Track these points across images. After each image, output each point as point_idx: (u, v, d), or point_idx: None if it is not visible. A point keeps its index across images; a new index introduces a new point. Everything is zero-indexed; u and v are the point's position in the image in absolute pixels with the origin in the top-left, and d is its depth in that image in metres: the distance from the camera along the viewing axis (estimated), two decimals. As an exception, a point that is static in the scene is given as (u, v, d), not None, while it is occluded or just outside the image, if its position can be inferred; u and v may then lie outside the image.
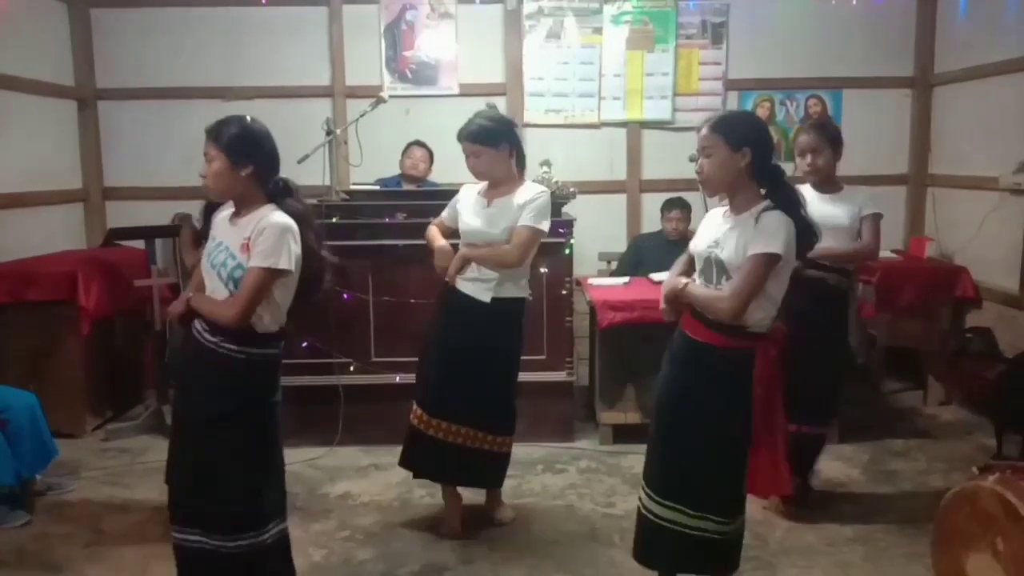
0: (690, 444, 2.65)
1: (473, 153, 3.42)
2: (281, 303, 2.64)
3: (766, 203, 2.58)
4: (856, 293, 3.83)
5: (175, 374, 2.83)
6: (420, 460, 3.63)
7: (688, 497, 2.67)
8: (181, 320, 2.68)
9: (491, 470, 3.66)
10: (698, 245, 2.68)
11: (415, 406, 3.60)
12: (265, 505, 2.69)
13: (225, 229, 2.66)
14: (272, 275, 2.54)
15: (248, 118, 2.69)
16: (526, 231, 3.38)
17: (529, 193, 3.47)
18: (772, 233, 2.49)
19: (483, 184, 3.54)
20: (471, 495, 3.73)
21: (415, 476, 3.74)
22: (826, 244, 3.51)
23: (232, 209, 2.71)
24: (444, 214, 3.62)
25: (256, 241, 2.52)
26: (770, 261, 2.49)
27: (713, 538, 2.68)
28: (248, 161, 2.61)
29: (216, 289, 2.60)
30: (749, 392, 2.60)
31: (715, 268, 2.58)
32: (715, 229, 2.63)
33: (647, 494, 2.76)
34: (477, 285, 3.44)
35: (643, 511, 2.79)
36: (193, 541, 2.68)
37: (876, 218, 3.69)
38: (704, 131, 2.59)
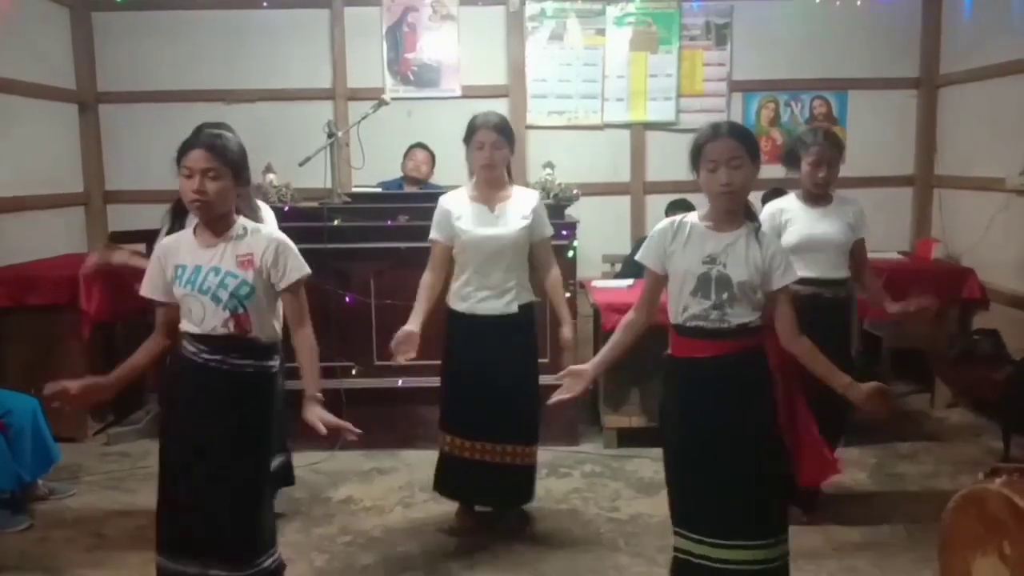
0: (762, 462, 2.54)
1: (495, 144, 3.36)
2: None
3: (755, 223, 2.61)
4: (855, 303, 3.78)
5: (172, 402, 2.70)
6: (457, 484, 3.61)
7: (771, 526, 2.55)
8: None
9: (523, 486, 3.65)
10: (680, 264, 2.56)
11: (445, 434, 3.55)
12: (273, 525, 2.71)
13: (195, 252, 2.55)
14: (305, 280, 2.64)
15: (230, 132, 2.63)
16: (550, 241, 3.57)
17: (532, 197, 3.53)
18: (789, 260, 2.60)
19: (462, 192, 3.48)
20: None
21: (452, 498, 3.69)
22: (817, 260, 3.54)
23: (182, 233, 2.65)
24: (439, 236, 3.47)
25: (278, 259, 2.56)
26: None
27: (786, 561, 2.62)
28: (247, 178, 2.61)
29: (210, 312, 2.51)
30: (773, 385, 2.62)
31: (715, 284, 2.51)
32: (702, 246, 2.55)
33: (723, 544, 2.51)
34: (496, 302, 3.42)
35: (721, 566, 2.51)
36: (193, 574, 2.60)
37: (864, 240, 3.71)
38: (731, 141, 2.49)
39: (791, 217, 3.61)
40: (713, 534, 2.52)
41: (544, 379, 4.24)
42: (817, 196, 3.63)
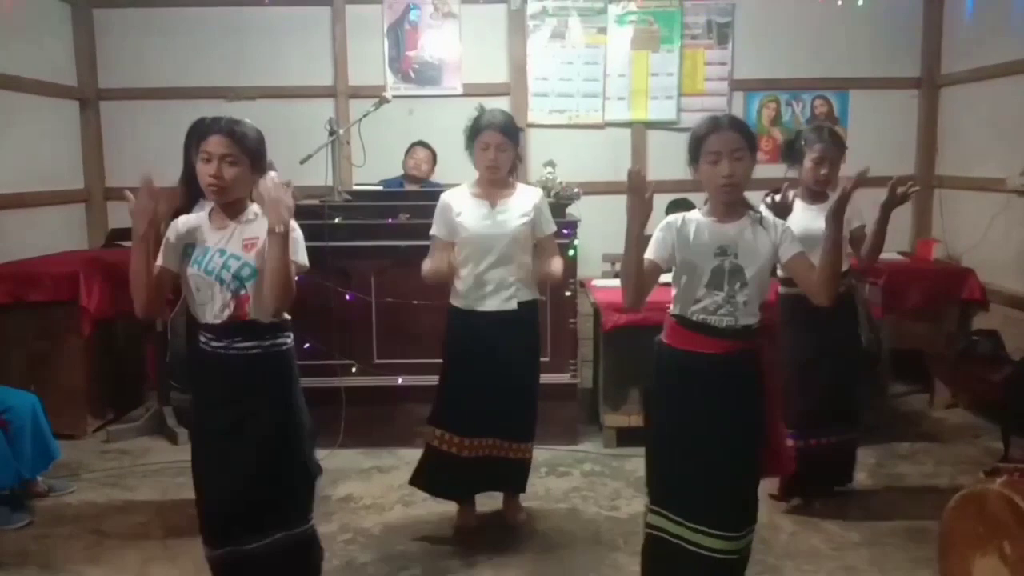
0: (745, 459, 2.58)
1: (499, 146, 3.34)
2: None
3: (756, 212, 2.64)
4: (862, 290, 3.80)
5: (190, 390, 2.75)
6: (445, 482, 3.61)
7: (747, 519, 2.60)
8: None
9: (516, 474, 3.65)
10: (691, 258, 2.56)
11: (437, 429, 3.53)
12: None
13: (207, 234, 2.59)
14: (301, 270, 2.63)
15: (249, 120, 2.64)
16: (554, 237, 3.55)
17: (535, 194, 3.52)
18: (794, 236, 2.64)
19: (464, 188, 3.48)
20: (484, 499, 3.74)
21: (440, 496, 3.70)
22: (816, 256, 3.54)
23: (199, 214, 2.68)
24: (439, 232, 3.46)
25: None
26: None
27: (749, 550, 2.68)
28: (263, 166, 2.64)
29: (214, 294, 2.54)
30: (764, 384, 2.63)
31: (728, 276, 2.52)
32: (711, 239, 2.56)
33: (700, 530, 2.56)
34: (497, 298, 3.40)
35: (695, 549, 2.57)
36: (257, 549, 2.64)
37: (864, 226, 3.72)
38: (733, 133, 2.51)
39: (791, 215, 3.62)
40: (692, 519, 2.56)
41: (546, 378, 4.27)
42: (816, 193, 3.65)
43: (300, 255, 2.61)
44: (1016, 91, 5.04)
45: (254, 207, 2.63)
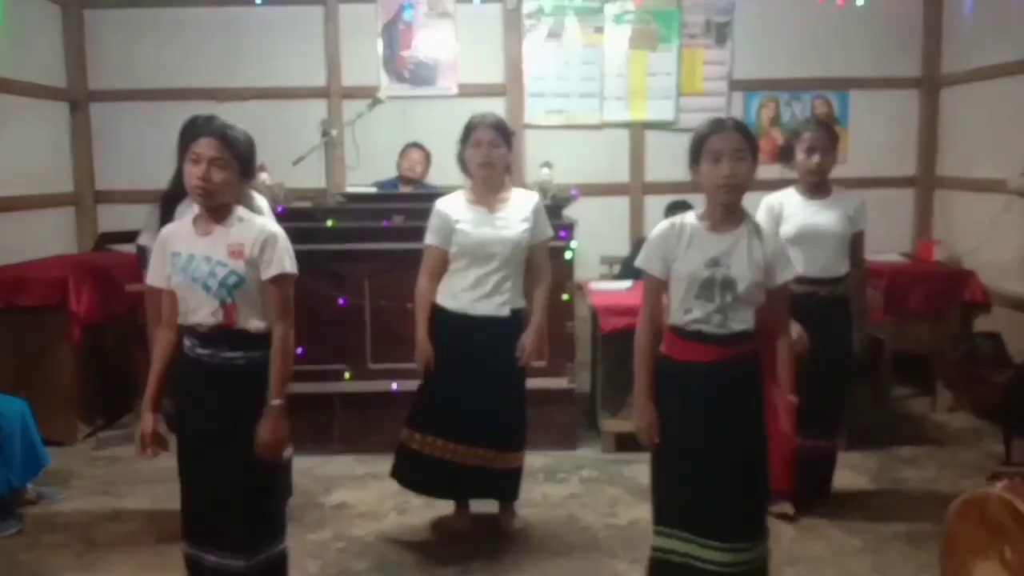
0: (750, 466, 2.55)
1: (492, 143, 3.33)
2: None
3: (753, 220, 2.61)
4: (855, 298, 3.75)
5: (178, 396, 2.71)
6: (424, 479, 3.56)
7: (755, 528, 2.58)
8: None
9: (508, 483, 3.60)
10: (683, 267, 2.53)
11: (413, 432, 3.48)
12: (283, 512, 2.75)
13: (191, 240, 2.55)
14: (292, 278, 2.59)
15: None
16: (548, 243, 3.53)
17: (532, 199, 3.49)
18: (789, 256, 2.63)
19: (460, 195, 3.45)
20: (480, 504, 3.70)
21: (418, 492, 3.66)
22: (815, 254, 3.54)
23: (183, 221, 2.64)
24: (435, 241, 3.41)
25: (265, 250, 2.52)
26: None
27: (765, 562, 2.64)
28: (252, 172, 2.61)
29: (200, 301, 2.51)
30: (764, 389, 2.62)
31: (719, 287, 2.49)
32: (703, 248, 2.52)
33: (710, 544, 2.52)
34: (490, 302, 3.37)
35: (704, 566, 2.53)
36: (210, 561, 2.62)
37: (864, 233, 3.68)
38: (735, 134, 2.49)
39: (790, 208, 3.60)
40: (702, 533, 2.52)
41: (543, 383, 4.24)
42: (815, 187, 3.62)
43: (288, 264, 2.56)
44: (1016, 91, 5.03)
45: (239, 211, 2.60)
